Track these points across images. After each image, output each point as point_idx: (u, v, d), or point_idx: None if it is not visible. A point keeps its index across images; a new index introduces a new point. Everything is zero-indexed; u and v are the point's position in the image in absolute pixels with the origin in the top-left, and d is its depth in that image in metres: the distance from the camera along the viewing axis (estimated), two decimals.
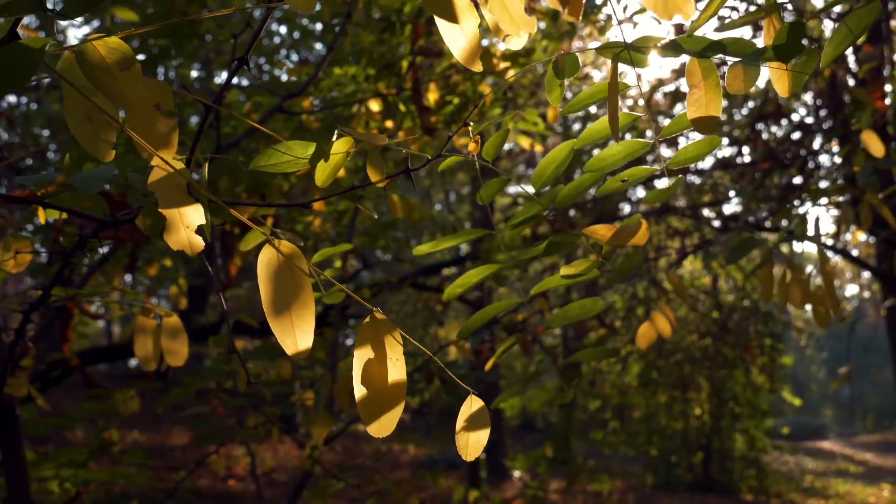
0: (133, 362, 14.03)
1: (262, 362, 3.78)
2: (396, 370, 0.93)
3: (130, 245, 3.11)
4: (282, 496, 7.60)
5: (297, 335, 0.88)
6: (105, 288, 1.53)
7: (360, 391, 0.91)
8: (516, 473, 10.30)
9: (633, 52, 1.00)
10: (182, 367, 1.58)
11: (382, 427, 0.92)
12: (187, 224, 0.88)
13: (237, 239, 3.61)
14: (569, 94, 6.49)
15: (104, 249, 2.58)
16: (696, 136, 1.07)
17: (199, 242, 0.88)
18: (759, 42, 1.02)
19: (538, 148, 4.43)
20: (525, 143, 4.33)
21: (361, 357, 0.91)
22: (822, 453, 17.66)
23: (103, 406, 2.70)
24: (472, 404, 1.00)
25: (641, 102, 5.90)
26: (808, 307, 2.14)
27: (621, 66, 1.03)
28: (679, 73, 6.38)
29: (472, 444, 1.00)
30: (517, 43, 0.94)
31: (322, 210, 3.96)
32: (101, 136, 0.89)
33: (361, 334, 0.93)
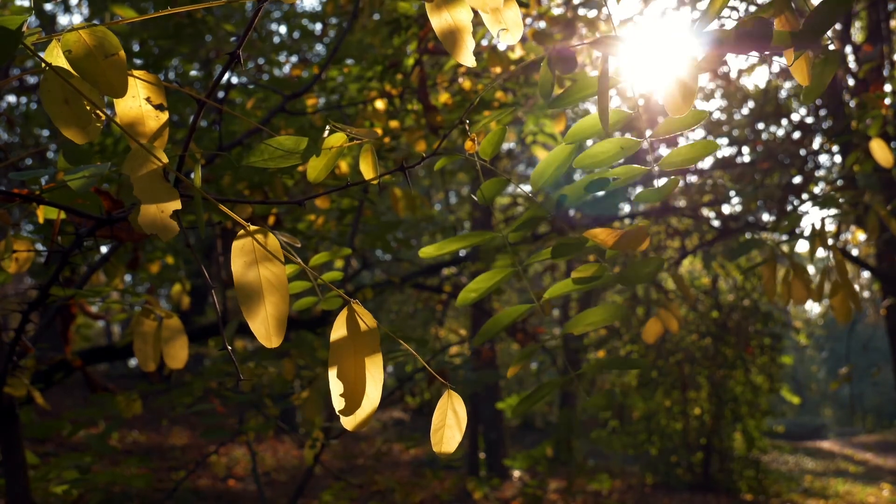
0: (133, 362, 14.01)
1: (262, 362, 3.78)
2: (374, 364, 0.88)
3: (132, 244, 3.10)
4: (282, 496, 7.60)
5: (270, 326, 0.84)
6: (106, 289, 1.53)
7: (336, 387, 0.86)
8: (516, 473, 10.29)
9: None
10: (182, 367, 1.59)
11: (358, 421, 0.88)
12: (162, 208, 0.83)
13: None
14: None
15: (105, 248, 2.57)
16: (697, 135, 1.05)
17: (174, 226, 0.83)
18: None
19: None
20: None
21: (337, 350, 0.86)
22: (822, 453, 17.65)
23: (105, 410, 2.70)
24: (452, 400, 0.97)
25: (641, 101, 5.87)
26: (809, 306, 2.18)
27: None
28: None
29: (447, 439, 0.97)
30: (510, 38, 0.93)
31: (325, 208, 3.95)
32: (77, 119, 0.86)
33: (338, 325, 0.87)
